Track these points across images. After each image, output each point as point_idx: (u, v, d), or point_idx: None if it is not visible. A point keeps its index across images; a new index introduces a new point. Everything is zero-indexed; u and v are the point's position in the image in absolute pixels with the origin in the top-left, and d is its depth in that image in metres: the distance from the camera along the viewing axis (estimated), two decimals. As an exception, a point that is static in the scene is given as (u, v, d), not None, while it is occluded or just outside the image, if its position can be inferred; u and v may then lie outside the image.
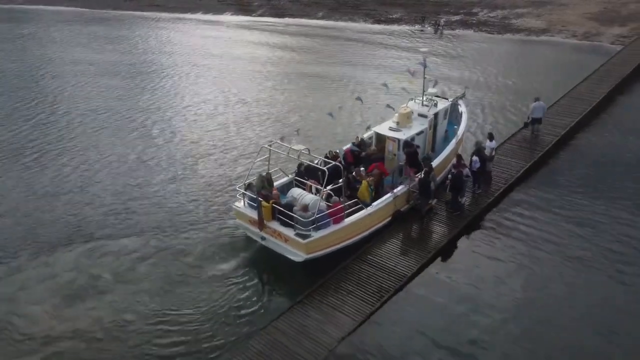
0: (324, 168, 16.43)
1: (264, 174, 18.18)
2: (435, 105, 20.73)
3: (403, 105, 20.45)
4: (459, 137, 21.14)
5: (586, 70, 31.21)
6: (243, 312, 15.25)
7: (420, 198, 18.18)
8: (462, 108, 22.56)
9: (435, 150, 20.82)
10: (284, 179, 19.04)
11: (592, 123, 25.67)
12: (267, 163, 18.49)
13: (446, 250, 16.95)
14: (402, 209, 18.48)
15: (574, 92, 28.20)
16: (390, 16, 48.79)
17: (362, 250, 16.78)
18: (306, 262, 16.23)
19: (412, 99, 21.37)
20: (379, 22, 47.56)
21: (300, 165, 18.97)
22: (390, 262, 16.26)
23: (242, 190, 17.66)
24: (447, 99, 21.59)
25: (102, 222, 19.51)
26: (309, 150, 18.17)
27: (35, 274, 16.89)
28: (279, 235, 16.58)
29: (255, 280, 16.48)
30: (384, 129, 20.01)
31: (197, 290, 16.06)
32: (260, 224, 16.64)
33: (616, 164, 21.82)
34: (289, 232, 16.26)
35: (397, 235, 17.58)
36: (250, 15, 52.25)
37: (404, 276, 15.62)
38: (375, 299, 14.82)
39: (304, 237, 15.98)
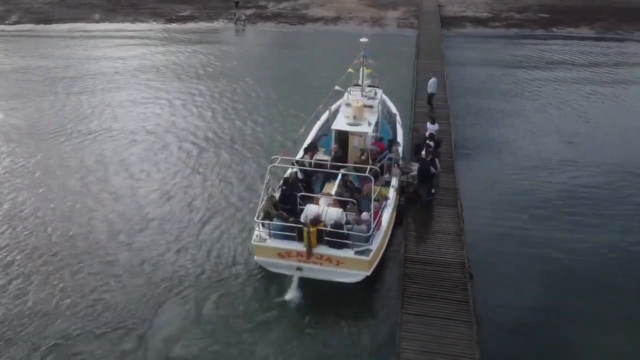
0: (369, 175, 14.82)
1: (268, 196, 15.48)
2: (375, 94, 20.56)
3: (355, 99, 19.62)
4: (401, 122, 21.51)
5: (401, 52, 34.83)
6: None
7: (419, 186, 17.96)
8: (384, 95, 22.84)
9: None
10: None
11: (452, 92, 28.99)
12: (267, 184, 15.69)
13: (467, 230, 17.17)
14: (401, 202, 18.04)
15: (419, 69, 31.13)
16: (180, 14, 45.54)
17: (403, 251, 15.86)
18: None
19: (347, 92, 20.71)
20: (171, 21, 43.89)
21: (287, 179, 16.69)
22: (438, 255, 15.65)
23: (259, 221, 14.71)
24: (378, 87, 21.55)
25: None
26: (328, 160, 16.07)
27: None
28: (329, 259, 14.41)
29: (321, 318, 13.91)
30: (342, 125, 18.93)
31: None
32: (309, 253, 14.16)
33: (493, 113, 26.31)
34: (346, 253, 14.26)
35: (417, 228, 16.97)
36: (2, 24, 42.22)
37: (462, 264, 15.35)
38: (461, 296, 14.16)
39: (366, 253, 14.29)
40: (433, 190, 18.66)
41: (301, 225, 14.05)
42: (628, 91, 29.18)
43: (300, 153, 18.68)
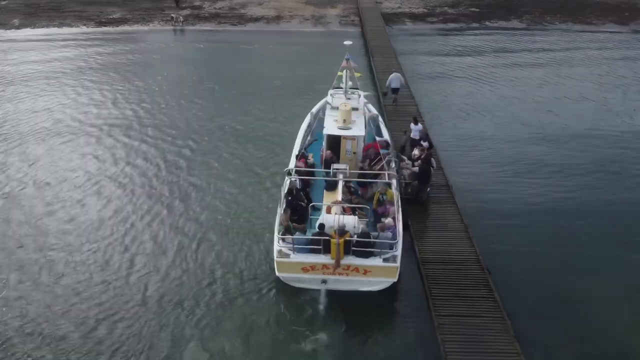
0: (391, 181, 14.64)
1: (283, 210, 14.94)
2: (360, 96, 20.46)
3: (342, 103, 19.32)
4: (383, 122, 21.52)
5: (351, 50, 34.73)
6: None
7: (421, 187, 18.05)
8: (364, 98, 22.68)
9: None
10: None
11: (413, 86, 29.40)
12: (284, 196, 15.11)
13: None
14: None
15: (377, 68, 31.27)
16: (111, 16, 42.89)
17: (418, 253, 15.88)
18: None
19: (331, 95, 20.45)
20: (102, 24, 41.22)
21: (291, 190, 16.18)
22: (452, 253, 15.80)
23: (280, 236, 14.14)
24: (358, 89, 21.38)
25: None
26: (347, 168, 15.69)
27: None
28: (356, 269, 14.12)
29: (355, 331, 13.54)
30: (333, 130, 18.63)
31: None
32: (337, 264, 13.80)
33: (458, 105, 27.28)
34: (374, 262, 14.00)
35: (422, 228, 17.01)
36: None
37: (477, 260, 15.60)
38: (486, 292, 14.38)
39: (393, 259, 14.15)
40: (428, 189, 18.87)
41: (328, 237, 13.64)
42: (574, 70, 32.34)
43: (293, 161, 18.22)
